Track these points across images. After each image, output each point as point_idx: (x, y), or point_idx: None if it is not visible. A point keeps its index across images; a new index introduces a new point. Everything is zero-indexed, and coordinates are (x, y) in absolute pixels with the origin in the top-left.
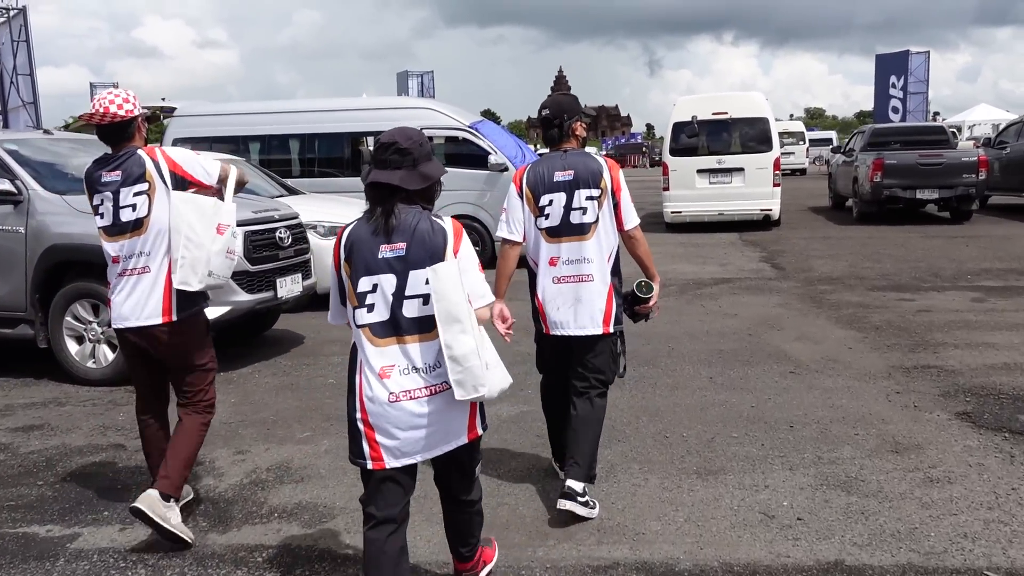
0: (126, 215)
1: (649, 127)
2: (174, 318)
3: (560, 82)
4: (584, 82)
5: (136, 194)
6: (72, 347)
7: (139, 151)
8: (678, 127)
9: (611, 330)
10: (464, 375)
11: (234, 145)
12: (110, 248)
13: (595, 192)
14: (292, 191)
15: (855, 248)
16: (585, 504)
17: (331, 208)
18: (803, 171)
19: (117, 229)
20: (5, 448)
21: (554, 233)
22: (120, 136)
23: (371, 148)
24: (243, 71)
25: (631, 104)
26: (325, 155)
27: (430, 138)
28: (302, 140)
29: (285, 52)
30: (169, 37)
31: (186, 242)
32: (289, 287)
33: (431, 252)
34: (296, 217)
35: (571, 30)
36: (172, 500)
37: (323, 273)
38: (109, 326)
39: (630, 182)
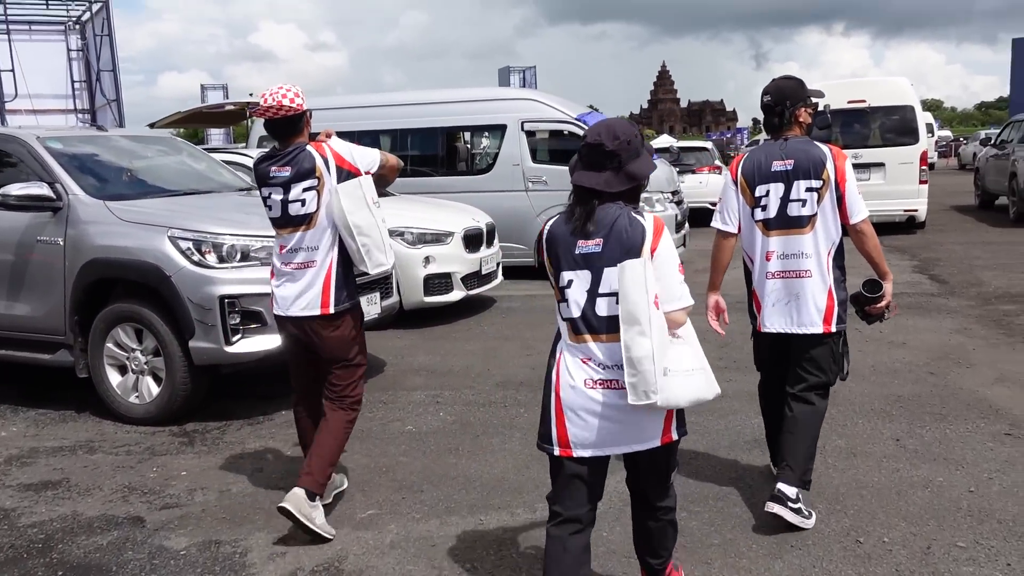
0: (295, 209)
1: (755, 121)
2: (331, 311)
3: (663, 77)
4: (688, 77)
5: (305, 189)
6: (114, 378)
7: (308, 147)
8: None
9: (832, 329)
10: (637, 379)
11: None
12: (277, 238)
13: (816, 183)
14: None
15: None
16: (797, 511)
17: (421, 212)
18: (931, 166)
19: (284, 221)
20: (6, 516)
21: (770, 225)
22: (290, 130)
23: (468, 144)
24: (352, 72)
25: (736, 99)
26: (418, 152)
27: (532, 133)
28: (393, 136)
29: (392, 53)
30: (282, 41)
31: (356, 231)
32: (365, 308)
33: (627, 249)
34: None
35: (674, 25)
36: (317, 498)
37: (408, 288)
38: (155, 355)
39: None
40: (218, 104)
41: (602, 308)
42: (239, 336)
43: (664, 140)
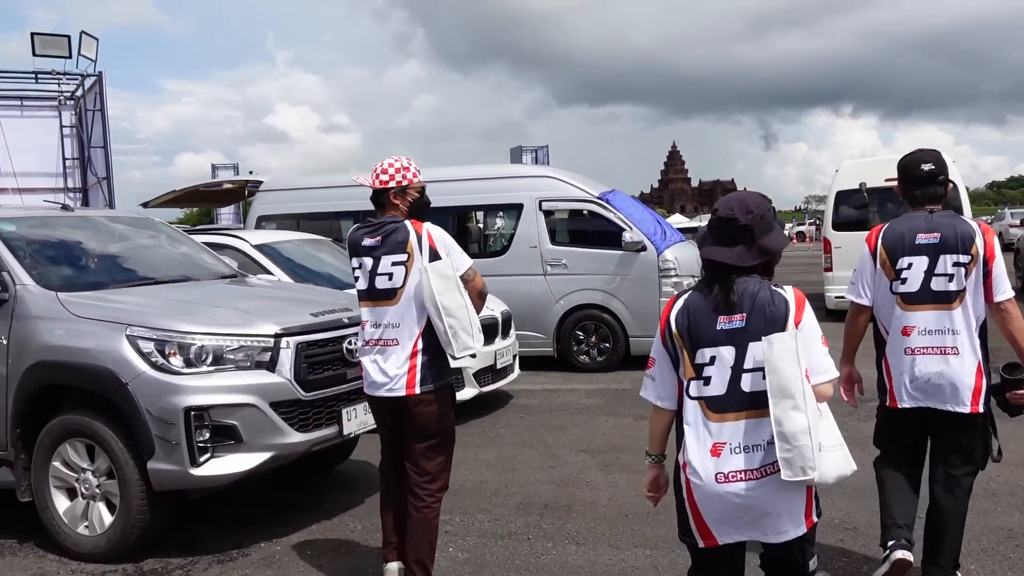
0: (381, 283)
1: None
2: (417, 391)
3: (674, 157)
4: (698, 156)
5: (395, 263)
6: (60, 503)
7: (405, 222)
8: (842, 196)
9: (980, 409)
10: (793, 454)
11: (324, 223)
12: (363, 313)
13: (964, 258)
14: None
15: None
16: None
17: None
18: None
19: (369, 294)
20: None
21: (911, 300)
22: (376, 203)
23: (481, 225)
24: (365, 152)
25: (746, 179)
26: None
27: (550, 212)
28: None
29: (404, 134)
30: (296, 122)
31: (445, 312)
32: (362, 419)
33: (771, 322)
34: None
35: (683, 106)
36: None
37: None
38: (109, 476)
39: None
40: (216, 182)
41: (747, 384)
42: (208, 456)
43: (677, 219)
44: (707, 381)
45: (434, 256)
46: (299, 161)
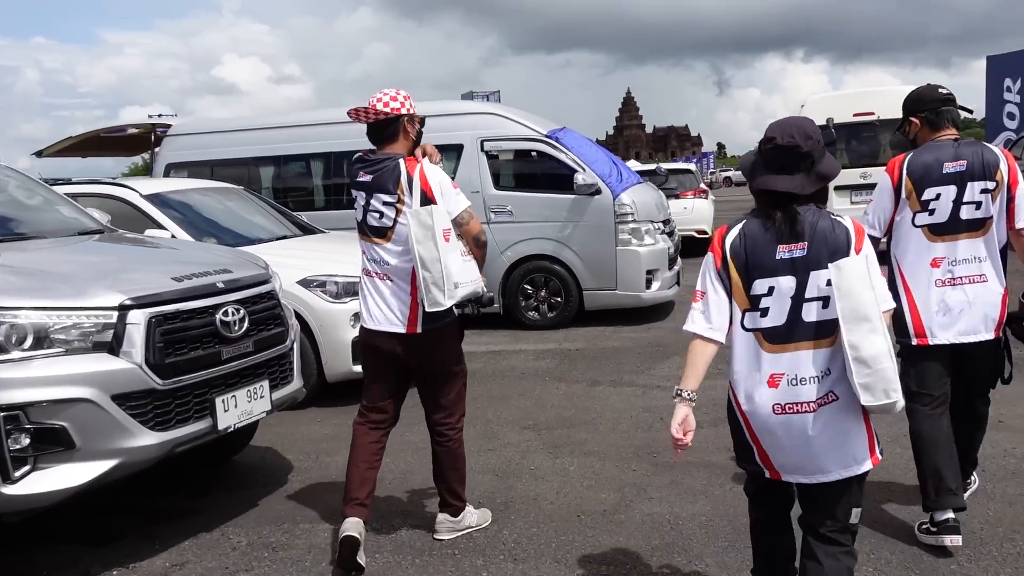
0: (372, 220)
1: (720, 146)
2: (419, 330)
3: (629, 103)
4: (652, 103)
5: (385, 203)
6: None
7: (400, 160)
8: None
9: (1000, 334)
10: (873, 378)
11: (241, 170)
12: (361, 244)
13: (990, 185)
14: (309, 230)
15: None
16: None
17: (350, 255)
18: None
19: (368, 230)
20: None
21: (940, 231)
22: (380, 136)
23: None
24: (317, 104)
25: (700, 124)
26: None
27: (495, 155)
28: (328, 161)
29: (357, 84)
30: (246, 74)
31: (420, 262)
32: (244, 408)
33: (833, 251)
34: (264, 280)
35: (638, 52)
36: (463, 511)
37: (333, 355)
38: None
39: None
40: (119, 127)
41: (810, 314)
42: (27, 468)
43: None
44: (764, 312)
45: (425, 199)
46: (249, 114)
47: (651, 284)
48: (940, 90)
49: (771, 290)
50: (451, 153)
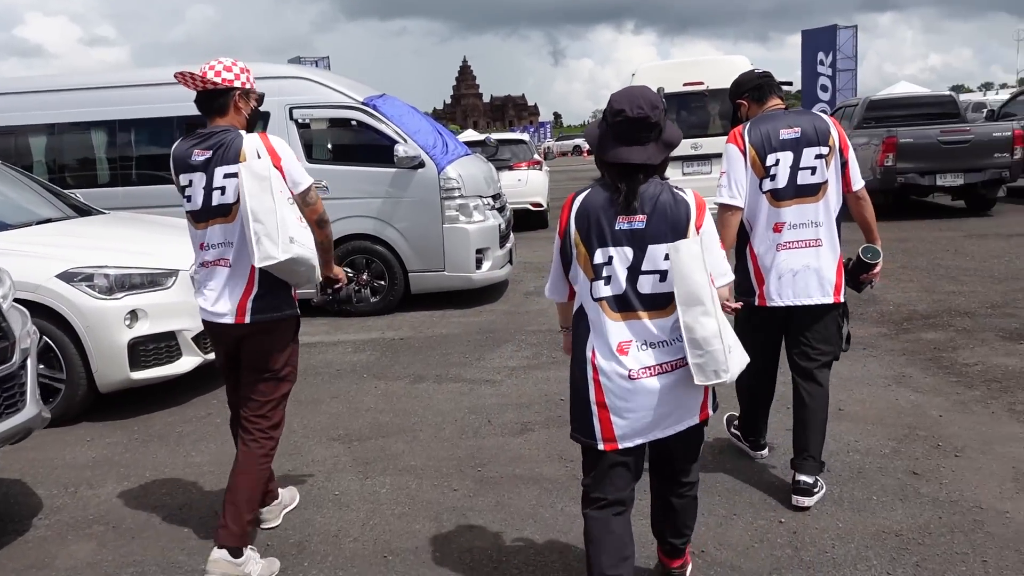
0: (215, 198)
1: (556, 115)
2: (247, 320)
3: (465, 72)
4: (490, 72)
5: (227, 175)
6: None
7: (239, 131)
8: None
9: (841, 299)
10: (705, 359)
11: (8, 139)
12: (197, 235)
13: (823, 150)
14: (84, 211)
15: (900, 257)
16: (818, 492)
17: (127, 241)
18: None
19: (204, 213)
20: None
21: (780, 196)
22: (212, 108)
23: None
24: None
25: (537, 94)
26: (146, 152)
27: (306, 124)
28: (110, 130)
29: (179, 48)
30: (54, 35)
31: (252, 216)
32: None
33: (672, 226)
34: None
35: (475, 21)
36: (244, 551)
37: (104, 360)
38: None
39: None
40: None
41: (644, 286)
42: None
43: (470, 134)
44: (607, 281)
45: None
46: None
47: (481, 264)
48: (755, 70)
49: (611, 259)
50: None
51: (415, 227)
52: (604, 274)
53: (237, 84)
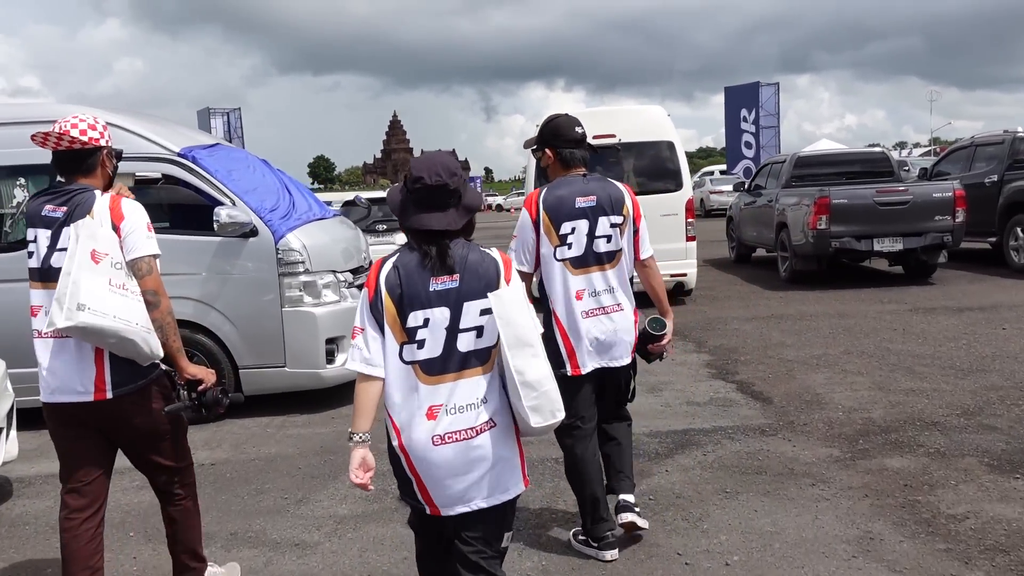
0: (58, 261)
1: (487, 170)
2: (109, 395)
3: (395, 126)
4: (422, 127)
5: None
6: None
7: (96, 190)
8: None
9: (633, 356)
10: (541, 400)
11: None
12: (35, 296)
13: (617, 219)
14: None
15: (842, 339)
16: (639, 514)
17: None
18: None
19: (45, 274)
20: None
21: (577, 264)
22: (76, 168)
23: None
24: None
25: (468, 149)
26: None
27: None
28: None
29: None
30: None
31: (60, 276)
32: None
33: (485, 282)
34: None
35: (407, 77)
36: (205, 572)
37: None
38: None
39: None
40: None
41: (464, 343)
42: None
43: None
44: (420, 344)
45: (112, 229)
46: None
47: (334, 356)
48: (577, 129)
49: (427, 322)
50: (41, 177)
51: (246, 311)
52: (419, 337)
53: (103, 143)
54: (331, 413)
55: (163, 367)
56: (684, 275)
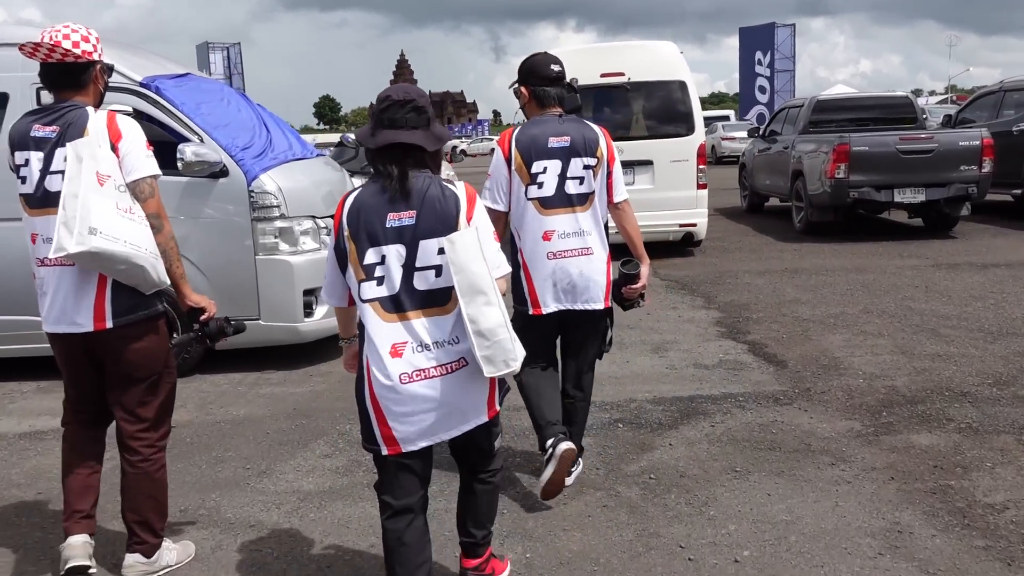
0: (54, 183)
1: (496, 113)
2: (109, 325)
3: (402, 66)
4: (428, 67)
5: (67, 158)
6: None
7: (88, 107)
8: None
9: (609, 304)
10: (493, 350)
11: None
12: (30, 224)
13: (591, 161)
14: None
15: (861, 297)
16: (575, 469)
17: None
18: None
19: (41, 199)
20: None
21: (548, 204)
22: (67, 82)
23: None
24: None
25: (476, 90)
26: None
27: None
28: None
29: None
30: None
31: (62, 200)
32: None
33: (442, 219)
34: None
35: (416, 14)
36: (159, 549)
37: None
38: None
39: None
40: None
41: (420, 283)
42: None
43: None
44: (380, 281)
45: (111, 149)
46: None
47: (313, 309)
48: (553, 67)
49: (383, 259)
50: None
51: (216, 259)
52: (377, 274)
53: (96, 56)
54: (309, 370)
55: (163, 306)
56: (694, 225)
